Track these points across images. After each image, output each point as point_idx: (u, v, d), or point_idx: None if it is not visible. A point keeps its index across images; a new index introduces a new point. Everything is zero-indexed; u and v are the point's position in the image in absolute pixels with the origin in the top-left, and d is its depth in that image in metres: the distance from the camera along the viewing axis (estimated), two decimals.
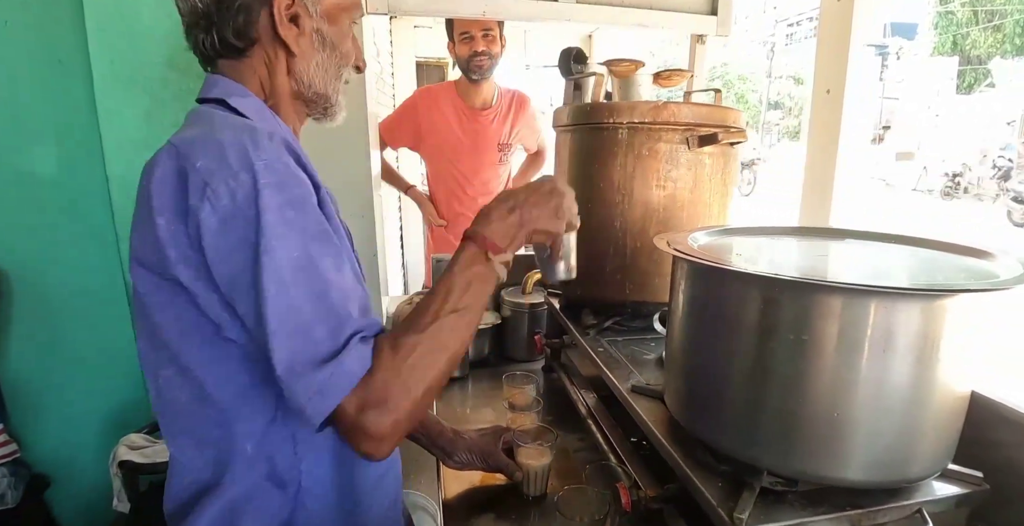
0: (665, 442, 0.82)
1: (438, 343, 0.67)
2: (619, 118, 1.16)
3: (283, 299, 0.60)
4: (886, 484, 0.70)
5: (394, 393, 0.63)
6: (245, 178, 0.62)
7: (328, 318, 0.63)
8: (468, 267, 0.73)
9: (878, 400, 0.65)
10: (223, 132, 0.66)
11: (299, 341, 0.61)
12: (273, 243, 0.61)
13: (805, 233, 1.00)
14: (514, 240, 0.77)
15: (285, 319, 0.60)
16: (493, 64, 2.22)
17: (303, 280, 0.62)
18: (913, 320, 0.64)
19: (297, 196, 0.64)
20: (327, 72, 0.82)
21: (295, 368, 0.60)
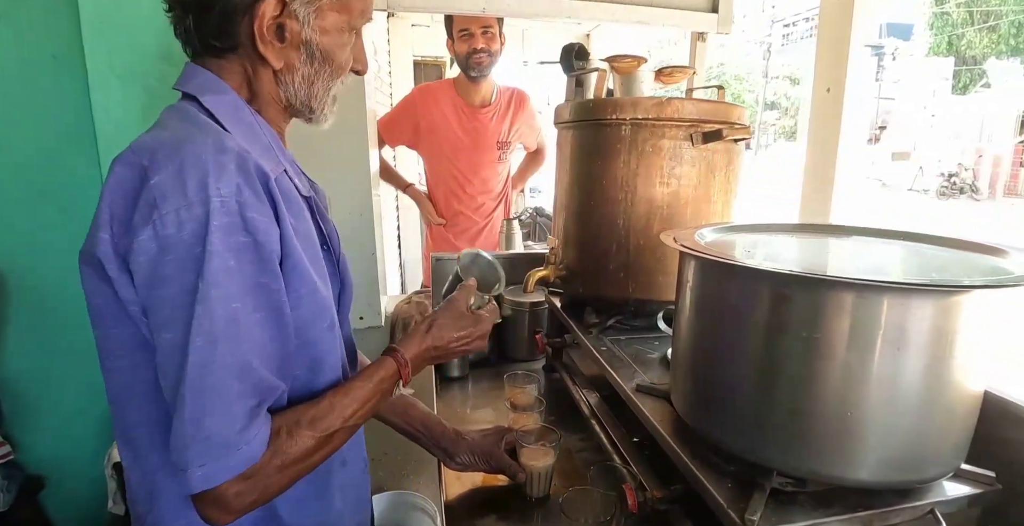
0: (672, 442, 0.80)
1: (327, 448, 0.70)
2: (622, 114, 1.15)
3: (207, 354, 0.59)
4: (899, 484, 0.69)
5: (272, 485, 0.64)
6: (198, 212, 0.59)
7: (243, 381, 0.61)
8: (381, 384, 0.77)
9: (892, 399, 0.64)
10: (188, 147, 0.61)
11: (215, 403, 0.59)
12: (211, 292, 0.58)
13: (812, 230, 0.99)
14: (418, 369, 0.84)
15: (205, 375, 0.59)
16: (492, 62, 2.21)
17: (231, 336, 0.60)
18: (927, 317, 0.63)
19: (243, 244, 0.61)
20: (313, 86, 0.76)
21: (201, 431, 0.59)
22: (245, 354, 0.61)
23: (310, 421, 0.68)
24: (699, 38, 2.07)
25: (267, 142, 0.73)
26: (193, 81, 0.72)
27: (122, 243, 0.60)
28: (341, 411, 0.71)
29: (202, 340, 0.58)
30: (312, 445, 0.67)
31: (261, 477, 0.63)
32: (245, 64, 0.72)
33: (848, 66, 1.59)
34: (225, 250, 0.59)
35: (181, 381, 0.58)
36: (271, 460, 0.63)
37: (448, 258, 1.82)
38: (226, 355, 0.60)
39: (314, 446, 0.67)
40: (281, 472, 0.64)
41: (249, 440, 0.61)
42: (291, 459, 0.65)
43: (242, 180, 0.61)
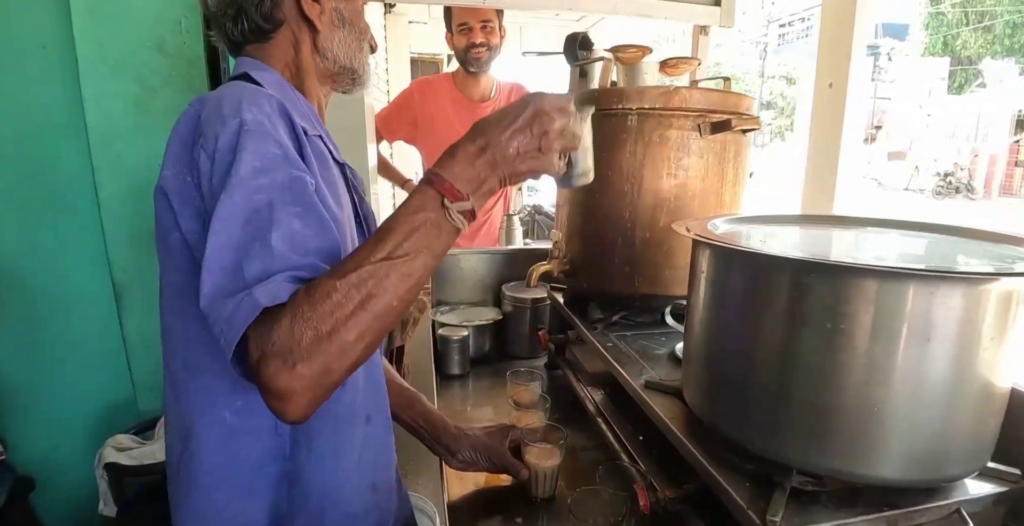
0: (685, 440, 0.77)
1: (362, 292, 0.57)
2: (628, 104, 1.12)
3: (223, 237, 0.58)
4: (924, 483, 0.66)
5: (302, 343, 0.54)
6: (231, 124, 0.62)
7: (262, 256, 0.58)
8: (416, 212, 0.62)
9: (918, 393, 0.61)
10: (230, 89, 0.68)
11: (226, 276, 0.58)
12: (233, 181, 0.60)
13: (826, 221, 0.96)
14: (482, 185, 0.64)
15: (220, 255, 0.58)
16: (492, 56, 2.17)
17: (252, 222, 0.59)
18: (955, 307, 0.60)
19: (270, 152, 0.63)
20: (350, 46, 0.85)
21: (214, 299, 0.57)
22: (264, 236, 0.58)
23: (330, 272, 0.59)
24: (701, 32, 2.04)
25: (307, 110, 0.80)
26: (242, 67, 0.80)
27: (187, 175, 0.65)
28: (365, 248, 0.60)
29: (220, 225, 0.58)
30: (335, 287, 0.56)
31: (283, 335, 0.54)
32: (288, 39, 0.81)
33: (851, 61, 1.59)
34: (255, 150, 0.61)
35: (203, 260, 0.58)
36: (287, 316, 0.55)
37: (448, 254, 1.78)
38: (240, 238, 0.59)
39: (342, 290, 0.56)
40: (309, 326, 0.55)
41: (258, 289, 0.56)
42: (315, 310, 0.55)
43: (272, 111, 0.66)
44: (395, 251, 0.59)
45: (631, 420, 1.06)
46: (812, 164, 1.70)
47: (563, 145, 0.67)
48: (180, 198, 0.66)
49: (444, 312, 1.73)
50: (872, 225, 0.92)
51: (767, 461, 0.69)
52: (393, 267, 0.59)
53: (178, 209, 0.66)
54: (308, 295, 0.56)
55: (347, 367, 0.57)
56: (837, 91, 1.63)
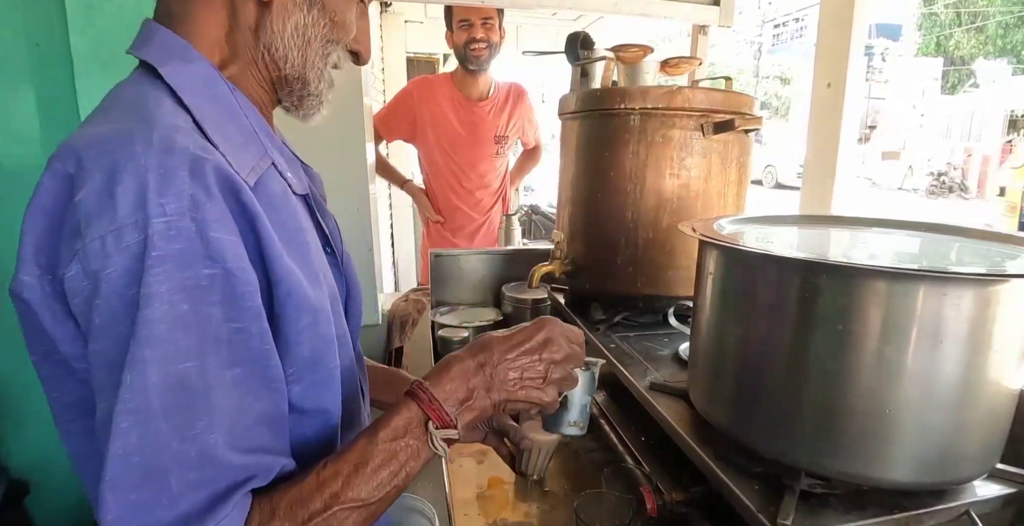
0: (692, 443, 0.76)
1: None
2: (631, 104, 1.11)
3: (137, 434, 0.44)
4: (934, 485, 0.66)
5: None
6: (132, 240, 0.44)
7: (199, 465, 0.46)
8: (397, 438, 0.54)
9: (929, 394, 0.61)
10: (124, 147, 0.46)
11: (147, 493, 0.44)
12: (145, 353, 0.44)
13: (833, 222, 0.96)
14: (472, 411, 0.57)
15: (133, 464, 0.44)
16: (491, 54, 2.16)
17: (178, 407, 0.45)
18: (966, 307, 0.59)
19: (206, 279, 0.46)
20: (308, 42, 0.60)
21: None
22: (204, 431, 0.46)
23: (288, 507, 0.49)
24: (700, 31, 2.04)
25: (249, 126, 0.58)
26: (151, 44, 0.56)
27: (55, 282, 0.47)
28: (334, 486, 0.50)
29: (128, 422, 0.44)
30: None
31: None
32: (223, 5, 0.58)
33: (849, 61, 1.60)
34: (173, 291, 0.45)
35: (102, 478, 0.43)
36: None
37: (447, 254, 1.78)
38: (172, 436, 0.44)
39: None
40: None
41: (217, 522, 0.45)
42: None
43: (200, 190, 0.46)
44: (367, 493, 0.51)
45: (635, 422, 1.06)
46: (811, 164, 1.71)
47: (562, 379, 0.62)
48: (49, 312, 0.48)
49: (443, 313, 1.72)
50: (876, 225, 0.92)
51: (776, 463, 0.68)
52: (358, 514, 0.51)
53: (49, 328, 0.49)
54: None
55: None
56: (835, 91, 1.64)
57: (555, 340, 0.61)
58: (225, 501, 0.46)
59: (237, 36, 0.59)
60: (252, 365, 0.49)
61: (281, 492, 0.50)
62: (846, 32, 1.58)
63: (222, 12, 0.58)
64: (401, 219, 3.80)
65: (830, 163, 1.66)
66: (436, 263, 1.75)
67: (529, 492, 1.02)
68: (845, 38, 1.58)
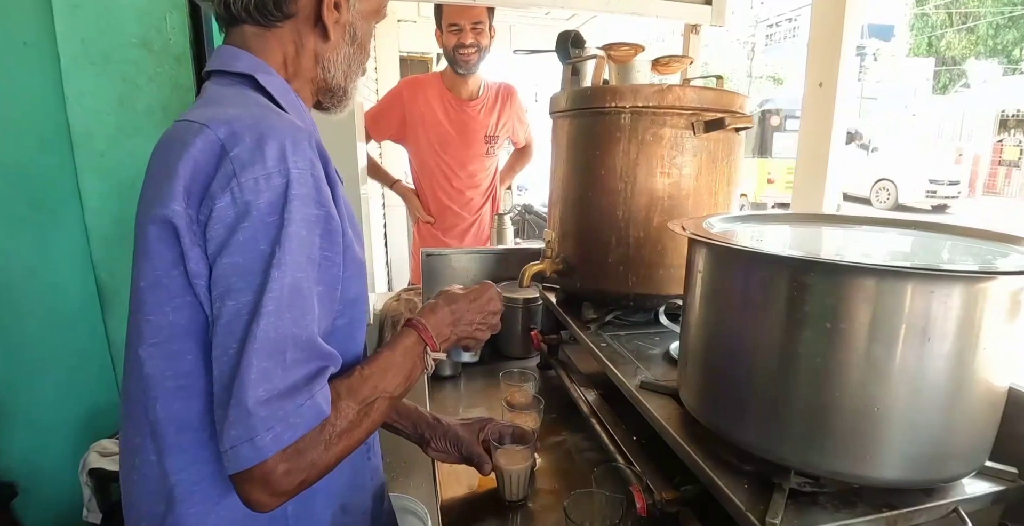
0: (682, 441, 0.76)
1: (369, 420, 0.68)
2: (621, 102, 1.11)
3: (276, 320, 0.59)
4: (924, 483, 0.66)
5: (319, 461, 0.62)
6: (277, 182, 0.60)
7: (306, 346, 0.62)
8: (409, 355, 0.76)
9: (918, 393, 0.61)
10: (264, 122, 0.63)
11: (271, 363, 0.59)
12: (287, 259, 0.60)
13: (823, 220, 0.95)
14: (447, 341, 0.83)
15: (273, 340, 0.59)
16: (481, 57, 2.16)
17: (297, 305, 0.61)
18: (954, 305, 0.59)
19: (316, 216, 0.63)
20: (350, 66, 0.81)
21: (268, 393, 0.58)
22: (309, 324, 0.62)
23: (347, 391, 0.67)
24: (692, 30, 2.04)
25: (310, 122, 0.77)
26: (239, 62, 0.73)
27: (199, 214, 0.60)
28: (374, 380, 0.70)
29: (274, 306, 0.59)
30: (354, 415, 0.66)
31: (309, 452, 0.61)
32: (291, 38, 0.75)
33: (840, 60, 1.61)
34: (301, 220, 0.61)
35: (245, 347, 0.58)
36: (319, 433, 0.62)
37: (438, 254, 1.77)
38: (292, 323, 0.60)
39: (356, 416, 0.66)
40: (327, 448, 0.62)
41: (313, 402, 0.61)
42: (337, 431, 0.64)
43: (315, 156, 0.65)
44: (392, 380, 0.72)
45: (626, 421, 1.05)
46: (803, 162, 1.72)
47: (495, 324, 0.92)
48: (189, 236, 0.61)
49: None
50: (866, 223, 0.92)
51: (765, 462, 0.68)
52: (393, 393, 0.72)
53: (186, 248, 0.61)
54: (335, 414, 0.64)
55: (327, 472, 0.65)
56: (827, 90, 1.65)
57: (493, 298, 0.91)
58: (319, 378, 0.62)
59: (301, 61, 0.77)
60: (328, 287, 0.67)
61: (339, 380, 0.67)
62: (838, 31, 1.59)
63: (291, 45, 0.76)
64: (394, 219, 3.79)
65: (822, 161, 1.66)
66: (427, 263, 1.75)
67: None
68: (837, 37, 1.59)
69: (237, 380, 0.57)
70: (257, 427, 0.57)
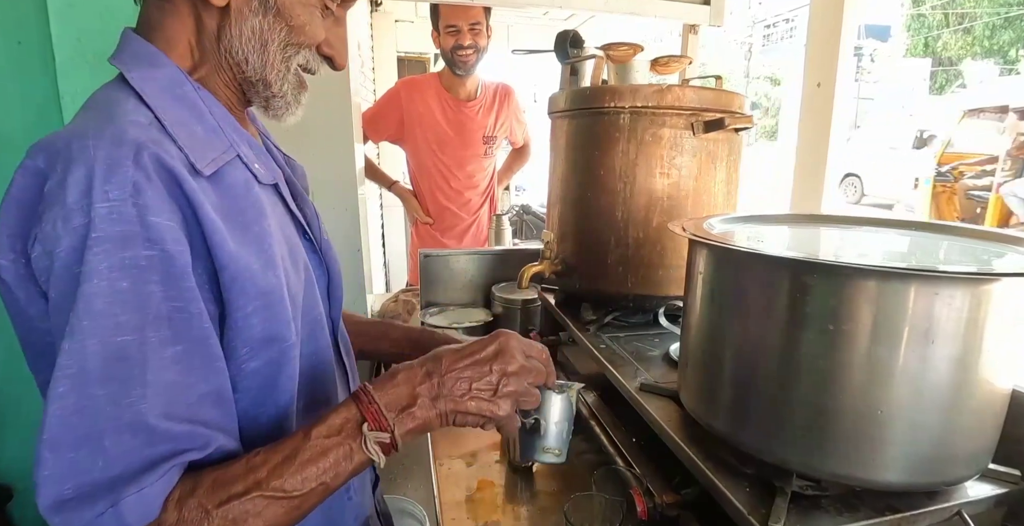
0: (683, 444, 0.76)
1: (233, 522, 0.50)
2: (621, 102, 1.11)
3: (74, 398, 0.47)
4: (927, 486, 0.65)
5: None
6: (77, 222, 0.48)
7: (132, 431, 0.48)
8: (331, 435, 0.55)
9: (920, 395, 0.60)
10: (79, 142, 0.50)
11: (84, 454, 0.47)
12: (84, 323, 0.47)
13: (823, 220, 0.95)
14: (414, 419, 0.58)
15: (71, 425, 0.47)
16: (479, 58, 2.16)
17: (114, 376, 0.48)
18: (957, 307, 0.59)
19: (145, 259, 0.49)
20: (265, 46, 0.62)
21: (61, 502, 0.47)
22: (139, 400, 0.48)
23: (211, 485, 0.51)
24: (691, 30, 2.03)
25: (214, 123, 0.60)
26: (125, 52, 0.59)
27: (22, 261, 0.51)
28: (262, 471, 0.52)
29: (66, 386, 0.47)
30: (204, 521, 0.49)
31: None
32: (190, 12, 0.60)
33: (839, 61, 1.61)
34: (113, 269, 0.48)
35: (39, 437, 0.46)
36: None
37: (436, 255, 1.76)
38: (104, 403, 0.47)
39: (219, 516, 0.50)
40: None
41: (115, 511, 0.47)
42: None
43: (142, 178, 0.49)
44: (289, 481, 0.53)
45: (625, 423, 1.05)
46: (801, 163, 1.72)
47: (517, 392, 0.61)
48: (24, 291, 0.52)
49: (433, 314, 1.71)
50: (866, 224, 0.92)
51: (767, 465, 0.67)
52: (285, 503, 0.53)
53: (24, 305, 0.52)
54: (178, 510, 0.49)
55: None
56: (825, 90, 1.65)
57: (508, 352, 0.62)
58: (155, 469, 0.49)
59: (204, 42, 0.61)
60: (192, 344, 0.52)
61: (209, 471, 0.52)
62: (836, 32, 1.59)
63: (189, 20, 0.61)
64: (392, 220, 3.78)
65: (820, 161, 1.67)
66: (425, 263, 1.74)
67: (519, 494, 1.01)
68: (835, 38, 1.60)
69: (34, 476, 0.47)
70: None
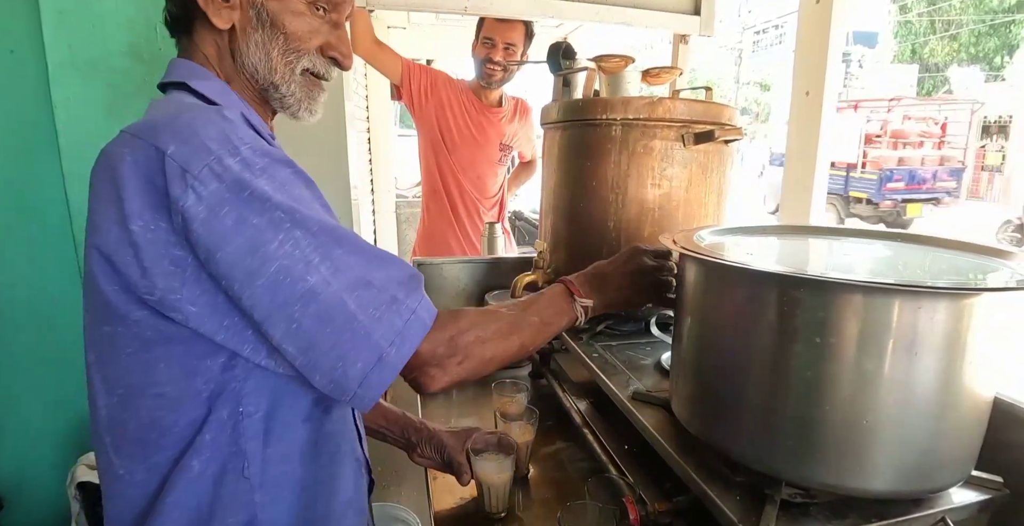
0: (674, 453, 0.77)
1: (510, 339, 0.72)
2: (612, 114, 1.12)
3: (332, 260, 0.58)
4: (912, 493, 0.67)
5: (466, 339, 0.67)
6: (232, 162, 0.57)
7: (385, 265, 0.62)
8: (553, 300, 0.80)
9: (905, 405, 0.62)
10: (186, 114, 0.60)
11: (370, 293, 0.59)
12: (294, 214, 0.57)
13: (812, 232, 0.97)
14: (599, 290, 0.84)
15: (345, 275, 0.58)
16: (506, 77, 2.20)
17: (337, 239, 0.60)
18: (940, 320, 0.60)
19: (294, 174, 0.62)
20: (268, 54, 0.72)
21: (370, 311, 0.59)
22: (363, 248, 0.62)
23: (455, 312, 0.70)
24: (682, 40, 2.06)
25: (258, 121, 0.72)
26: (176, 71, 0.71)
27: (172, 225, 0.57)
28: (516, 308, 0.76)
29: (319, 254, 0.58)
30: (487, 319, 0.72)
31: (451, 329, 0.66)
32: (210, 39, 0.72)
33: (826, 70, 1.63)
34: (283, 183, 0.59)
35: (319, 294, 0.57)
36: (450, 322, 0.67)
37: (429, 263, 1.77)
38: (346, 254, 0.60)
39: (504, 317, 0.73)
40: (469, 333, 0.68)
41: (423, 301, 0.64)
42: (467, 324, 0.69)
43: (252, 133, 0.62)
44: (543, 318, 0.77)
45: (618, 431, 1.06)
46: (789, 172, 1.73)
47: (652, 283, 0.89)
48: (153, 251, 0.57)
49: None
50: (853, 235, 0.93)
51: (757, 473, 0.69)
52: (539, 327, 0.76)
53: (149, 266, 0.57)
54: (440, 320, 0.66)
55: (483, 371, 0.71)
56: (813, 99, 1.67)
57: (635, 257, 0.90)
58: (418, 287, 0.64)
59: (225, 61, 0.72)
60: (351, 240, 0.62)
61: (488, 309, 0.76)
62: (823, 41, 1.61)
63: (212, 47, 0.72)
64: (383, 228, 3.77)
65: (809, 171, 1.68)
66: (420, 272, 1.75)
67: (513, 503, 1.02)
68: (823, 47, 1.61)
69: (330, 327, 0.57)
70: (381, 340, 0.59)
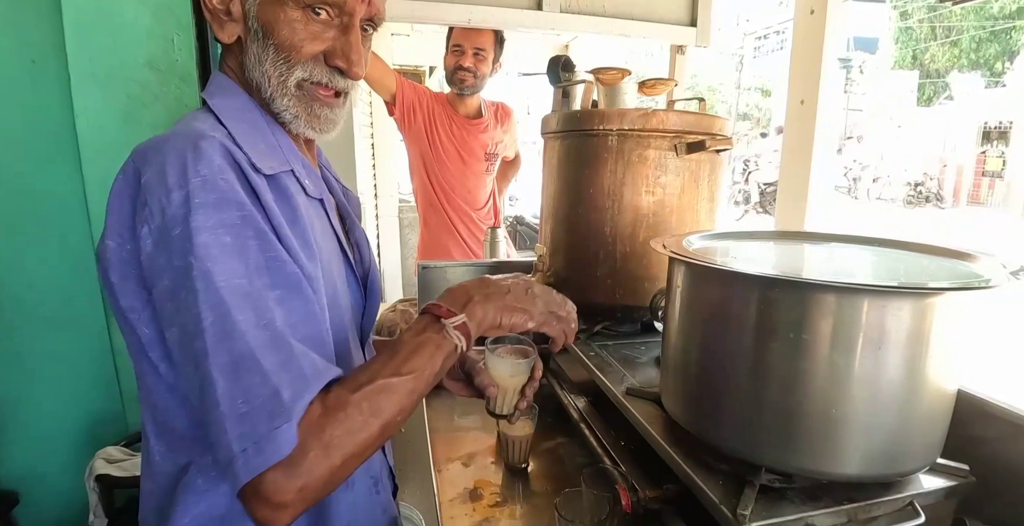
0: (664, 443, 0.82)
1: (371, 406, 0.59)
2: (609, 125, 1.18)
3: (224, 325, 0.54)
4: (880, 478, 0.72)
5: (310, 457, 0.55)
6: (176, 196, 0.57)
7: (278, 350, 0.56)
8: (418, 333, 0.67)
9: (874, 397, 0.67)
10: (173, 142, 0.61)
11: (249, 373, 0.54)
12: (208, 266, 0.55)
13: (794, 236, 1.02)
14: (475, 307, 0.71)
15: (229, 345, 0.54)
16: (477, 83, 2.24)
17: (246, 306, 0.56)
18: (904, 318, 0.66)
19: (240, 219, 0.59)
20: (263, 66, 0.70)
21: (240, 407, 0.53)
22: (272, 322, 0.57)
23: (342, 383, 0.60)
24: (678, 51, 2.12)
25: (274, 141, 0.71)
26: (212, 84, 0.73)
27: (128, 248, 0.60)
28: (376, 364, 0.63)
29: (213, 314, 0.54)
30: (349, 401, 0.58)
31: (302, 459, 0.54)
32: (230, 51, 0.73)
33: (821, 78, 1.67)
34: (216, 226, 0.57)
35: (202, 362, 0.54)
36: (309, 436, 0.55)
37: (434, 266, 1.83)
38: (247, 322, 0.55)
39: (355, 404, 0.58)
40: (320, 442, 0.55)
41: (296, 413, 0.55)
42: (328, 424, 0.56)
43: (224, 163, 0.60)
44: (402, 367, 0.63)
45: (613, 426, 1.11)
46: (785, 179, 1.78)
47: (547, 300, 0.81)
48: (122, 269, 0.61)
49: None
50: (836, 240, 0.99)
51: (740, 461, 0.74)
52: (401, 383, 0.62)
53: (117, 282, 0.62)
54: (323, 409, 0.57)
55: (343, 478, 0.59)
56: (808, 108, 1.71)
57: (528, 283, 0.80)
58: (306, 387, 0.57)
59: (243, 75, 0.73)
60: (292, 289, 0.61)
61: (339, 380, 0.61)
62: (818, 51, 1.64)
63: (234, 60, 0.73)
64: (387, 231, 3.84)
65: (803, 178, 1.72)
66: (423, 274, 1.80)
67: (514, 494, 1.07)
68: (817, 56, 1.65)
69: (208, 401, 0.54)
70: (233, 443, 0.53)
